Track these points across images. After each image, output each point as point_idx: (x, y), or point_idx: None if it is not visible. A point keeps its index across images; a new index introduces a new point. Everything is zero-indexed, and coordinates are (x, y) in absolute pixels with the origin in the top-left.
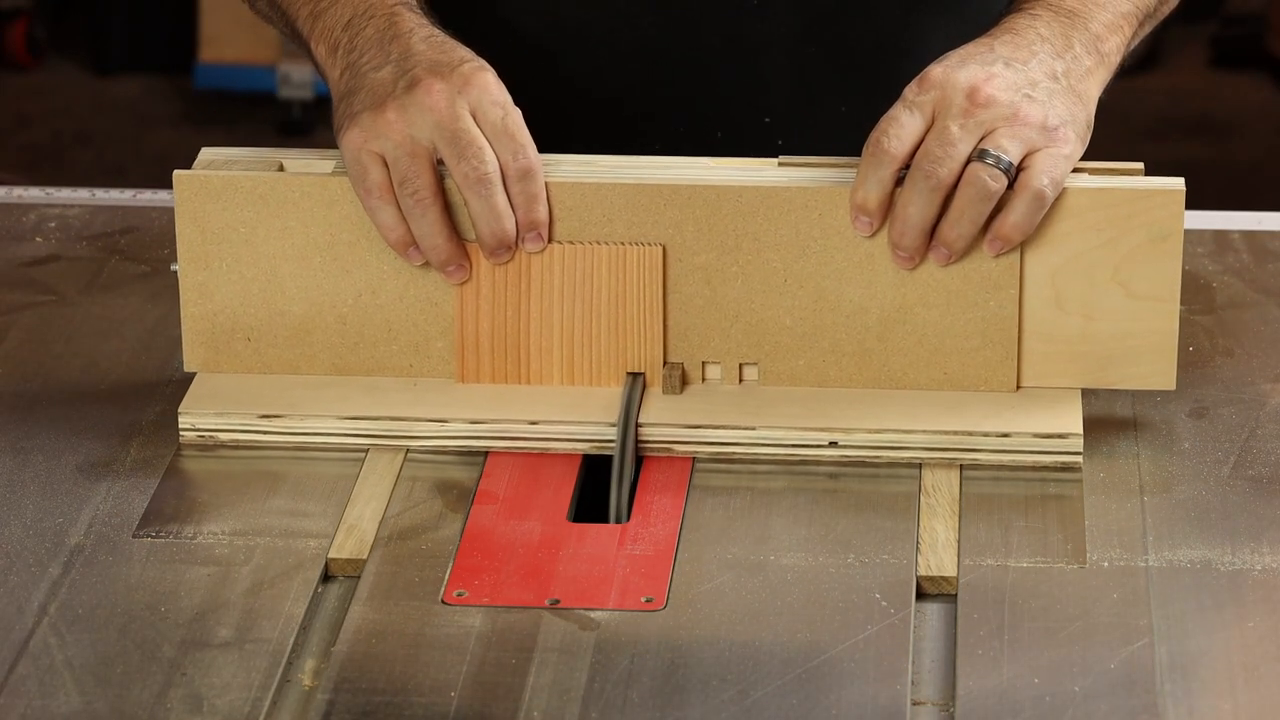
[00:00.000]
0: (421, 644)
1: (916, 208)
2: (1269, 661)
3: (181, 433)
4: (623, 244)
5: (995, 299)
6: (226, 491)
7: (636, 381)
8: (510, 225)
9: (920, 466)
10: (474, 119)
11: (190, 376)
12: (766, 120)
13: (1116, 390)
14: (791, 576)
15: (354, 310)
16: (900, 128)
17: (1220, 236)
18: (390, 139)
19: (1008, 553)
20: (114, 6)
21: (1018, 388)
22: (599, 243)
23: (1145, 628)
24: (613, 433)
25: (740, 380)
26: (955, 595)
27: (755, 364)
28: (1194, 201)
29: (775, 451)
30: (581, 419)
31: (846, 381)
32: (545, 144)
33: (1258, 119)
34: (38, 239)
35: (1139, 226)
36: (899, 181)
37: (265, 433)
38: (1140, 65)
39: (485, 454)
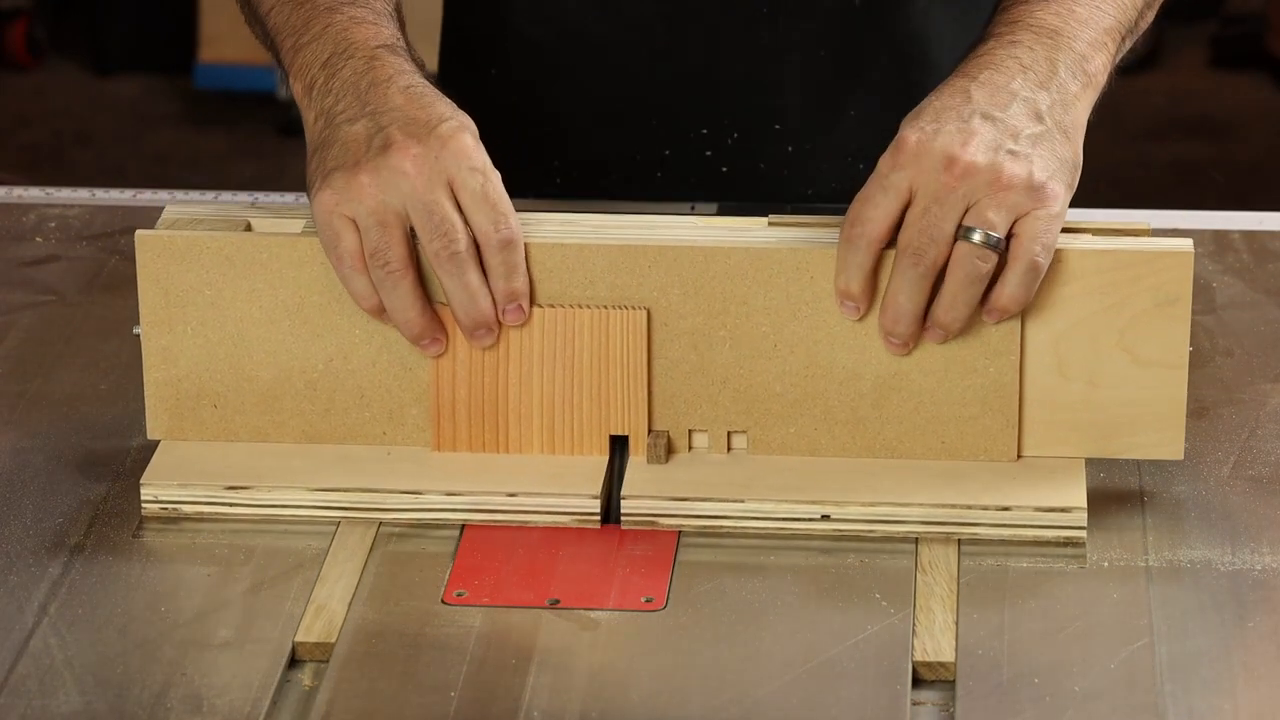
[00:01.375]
0: (421, 644)
1: (907, 296)
2: (1269, 661)
3: (143, 505)
4: (606, 307)
5: (995, 365)
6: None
7: (624, 445)
8: (486, 304)
9: (917, 541)
10: (452, 186)
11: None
12: (777, 127)
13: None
14: (791, 577)
15: (325, 375)
16: (875, 208)
17: (1220, 236)
18: (363, 204)
19: (1007, 553)
20: (114, 6)
21: (1018, 458)
22: (581, 306)
23: (1145, 628)
24: (595, 505)
25: (728, 449)
26: (954, 681)
27: (744, 432)
28: (1194, 201)
29: (765, 525)
30: (563, 490)
31: (839, 451)
32: (555, 153)
33: (1258, 119)
34: (38, 239)
35: (1145, 290)
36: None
37: (231, 504)
38: (1140, 65)
39: (462, 526)
